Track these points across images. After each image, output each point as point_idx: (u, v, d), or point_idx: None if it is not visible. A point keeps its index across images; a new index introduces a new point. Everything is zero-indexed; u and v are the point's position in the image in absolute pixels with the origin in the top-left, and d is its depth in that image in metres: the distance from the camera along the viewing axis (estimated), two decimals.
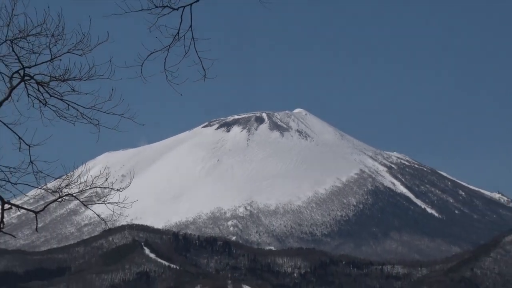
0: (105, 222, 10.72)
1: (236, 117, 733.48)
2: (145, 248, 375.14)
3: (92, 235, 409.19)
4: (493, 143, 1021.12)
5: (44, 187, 9.38)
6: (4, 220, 9.26)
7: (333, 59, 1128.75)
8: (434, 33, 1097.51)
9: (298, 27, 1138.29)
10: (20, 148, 8.84)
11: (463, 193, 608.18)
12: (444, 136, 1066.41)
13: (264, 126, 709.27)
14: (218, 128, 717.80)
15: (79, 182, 9.62)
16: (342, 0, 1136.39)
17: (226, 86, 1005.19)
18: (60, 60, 8.55)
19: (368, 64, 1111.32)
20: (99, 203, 9.87)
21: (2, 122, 8.70)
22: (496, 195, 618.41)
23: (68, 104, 8.77)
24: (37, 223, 10.33)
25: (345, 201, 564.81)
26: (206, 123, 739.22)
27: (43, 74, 8.64)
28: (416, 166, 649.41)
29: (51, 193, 9.56)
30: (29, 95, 8.72)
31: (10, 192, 8.89)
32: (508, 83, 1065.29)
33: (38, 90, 8.68)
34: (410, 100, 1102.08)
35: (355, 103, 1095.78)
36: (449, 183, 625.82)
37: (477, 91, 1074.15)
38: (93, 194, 10.00)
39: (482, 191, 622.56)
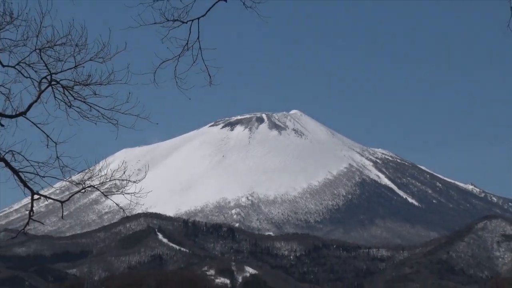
0: (123, 210, 10.63)
1: (239, 117, 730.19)
2: (158, 233, 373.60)
3: (111, 222, 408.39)
4: (467, 140, 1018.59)
5: (69, 179, 9.36)
6: (34, 208, 9.22)
7: (326, 65, 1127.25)
8: (414, 37, 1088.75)
9: (293, 38, 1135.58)
10: (48, 145, 8.82)
11: (440, 185, 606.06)
12: (423, 133, 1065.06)
13: (264, 126, 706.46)
14: (223, 127, 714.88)
15: (100, 175, 9.67)
16: (334, 11, 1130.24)
17: (230, 89, 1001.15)
18: (83, 67, 8.57)
19: (357, 69, 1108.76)
20: (117, 194, 9.86)
21: (31, 122, 8.73)
22: (469, 187, 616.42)
23: (90, 106, 8.79)
24: (62, 212, 10.33)
25: (335, 192, 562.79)
26: (212, 123, 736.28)
27: (68, 80, 8.65)
28: (398, 160, 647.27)
29: (75, 185, 9.50)
30: (56, 98, 8.70)
31: (39, 184, 8.85)
32: (481, 80, 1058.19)
33: (64, 93, 8.69)
34: (394, 101, 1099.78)
35: (345, 104, 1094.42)
36: (428, 175, 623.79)
37: (452, 91, 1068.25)
38: (113, 186, 10.07)
39: (457, 183, 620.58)
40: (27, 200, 9.57)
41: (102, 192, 9.64)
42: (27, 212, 9.77)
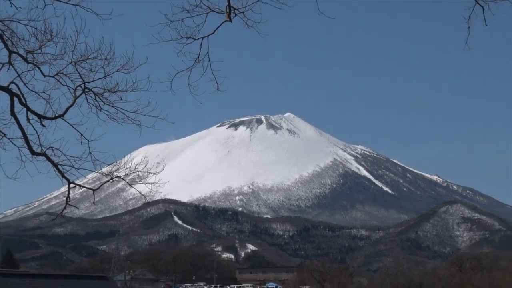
0: (144, 197, 10.79)
1: (241, 119, 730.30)
2: (174, 216, 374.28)
3: (135, 206, 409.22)
4: (433, 137, 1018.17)
5: (99, 171, 9.33)
6: (70, 195, 9.27)
7: (315, 75, 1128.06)
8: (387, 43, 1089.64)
9: (288, 51, 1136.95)
10: (81, 142, 8.88)
11: (409, 176, 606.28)
12: (396, 132, 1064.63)
13: (263, 126, 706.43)
14: (228, 127, 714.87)
15: (125, 168, 9.67)
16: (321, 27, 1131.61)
17: (234, 95, 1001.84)
18: (111, 77, 8.59)
19: (341, 78, 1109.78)
20: (140, 183, 9.84)
21: (68, 123, 8.78)
22: (434, 177, 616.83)
23: (117, 109, 8.80)
24: (94, 198, 10.33)
25: (322, 181, 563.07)
26: (219, 124, 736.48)
27: (99, 87, 8.70)
28: (375, 155, 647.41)
29: (104, 175, 9.49)
30: (88, 103, 8.75)
31: (74, 175, 8.93)
32: (445, 78, 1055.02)
33: (95, 99, 8.73)
34: (372, 104, 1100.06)
35: (331, 108, 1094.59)
36: (399, 168, 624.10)
37: (419, 94, 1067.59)
38: (136, 177, 10.00)
39: (423, 174, 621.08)
40: (64, 188, 9.62)
41: (127, 182, 9.62)
42: (65, 198, 9.79)
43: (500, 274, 65.87)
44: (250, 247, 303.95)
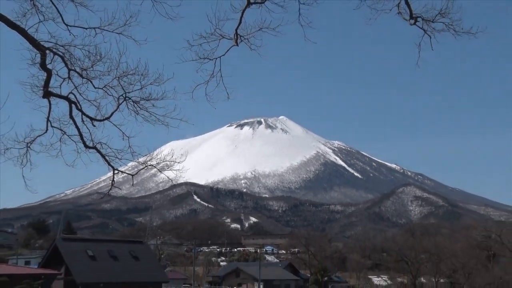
0: (171, 180, 10.68)
1: (245, 121, 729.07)
2: (194, 195, 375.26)
3: (164, 188, 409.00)
4: (393, 134, 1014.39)
5: (137, 160, 9.20)
6: (114, 179, 9.32)
7: (301, 87, 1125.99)
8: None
9: (281, 66, 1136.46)
10: (123, 138, 8.88)
11: (374, 164, 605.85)
12: (364, 130, 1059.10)
13: (262, 126, 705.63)
14: (235, 127, 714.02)
15: (156, 158, 9.63)
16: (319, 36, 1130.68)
17: (240, 102, 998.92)
18: (146, 88, 8.57)
19: (322, 88, 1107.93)
20: (168, 170, 9.78)
21: (113, 123, 8.77)
22: (394, 165, 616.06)
23: (151, 114, 8.68)
24: (133, 181, 10.37)
25: (308, 169, 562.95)
26: (229, 124, 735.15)
27: (136, 97, 8.71)
28: (348, 149, 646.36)
29: (140, 164, 9.44)
30: (128, 109, 8.77)
31: (118, 163, 8.94)
32: (398, 91, 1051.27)
33: (133, 106, 8.73)
34: (346, 109, 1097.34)
35: (314, 112, 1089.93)
36: (367, 158, 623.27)
37: (382, 100, 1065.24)
38: (164, 165, 10.01)
39: (385, 163, 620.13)
40: (110, 173, 9.63)
41: (158, 169, 9.74)
42: (110, 182, 9.85)
43: (442, 239, 66.43)
44: (252, 219, 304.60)
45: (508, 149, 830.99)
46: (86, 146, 8.79)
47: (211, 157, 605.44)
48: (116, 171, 9.06)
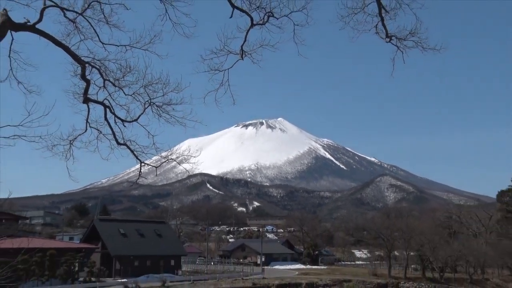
0: (188, 171, 10.76)
1: (250, 122, 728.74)
2: (207, 184, 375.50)
3: (182, 177, 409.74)
4: (372, 132, 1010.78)
5: (160, 155, 9.28)
6: (141, 170, 9.31)
7: (296, 92, 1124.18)
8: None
9: (279, 76, 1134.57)
10: (148, 136, 8.81)
11: (357, 158, 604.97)
12: (349, 129, 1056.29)
13: (264, 127, 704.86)
14: (241, 127, 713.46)
15: (176, 152, 9.65)
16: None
17: (245, 105, 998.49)
18: (167, 95, 8.56)
19: (314, 94, 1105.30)
20: (185, 163, 9.68)
21: (140, 124, 8.73)
22: (373, 159, 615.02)
23: (171, 116, 8.62)
24: (156, 172, 10.39)
25: (302, 162, 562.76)
26: (236, 125, 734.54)
27: (159, 102, 8.68)
28: (336, 145, 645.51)
29: (163, 158, 9.41)
30: (153, 112, 8.72)
31: (144, 157, 8.91)
32: (379, 95, 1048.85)
33: (157, 109, 8.71)
34: (334, 111, 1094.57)
35: (308, 114, 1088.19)
36: (351, 153, 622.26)
37: (365, 102, 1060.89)
38: (183, 158, 10.09)
39: (366, 156, 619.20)
40: (138, 166, 9.67)
41: (177, 162, 9.74)
42: (138, 172, 9.90)
43: (412, 219, 67.06)
44: (256, 203, 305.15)
45: (464, 146, 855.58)
46: (118, 143, 8.76)
47: (221, 152, 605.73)
48: (142, 164, 9.00)
